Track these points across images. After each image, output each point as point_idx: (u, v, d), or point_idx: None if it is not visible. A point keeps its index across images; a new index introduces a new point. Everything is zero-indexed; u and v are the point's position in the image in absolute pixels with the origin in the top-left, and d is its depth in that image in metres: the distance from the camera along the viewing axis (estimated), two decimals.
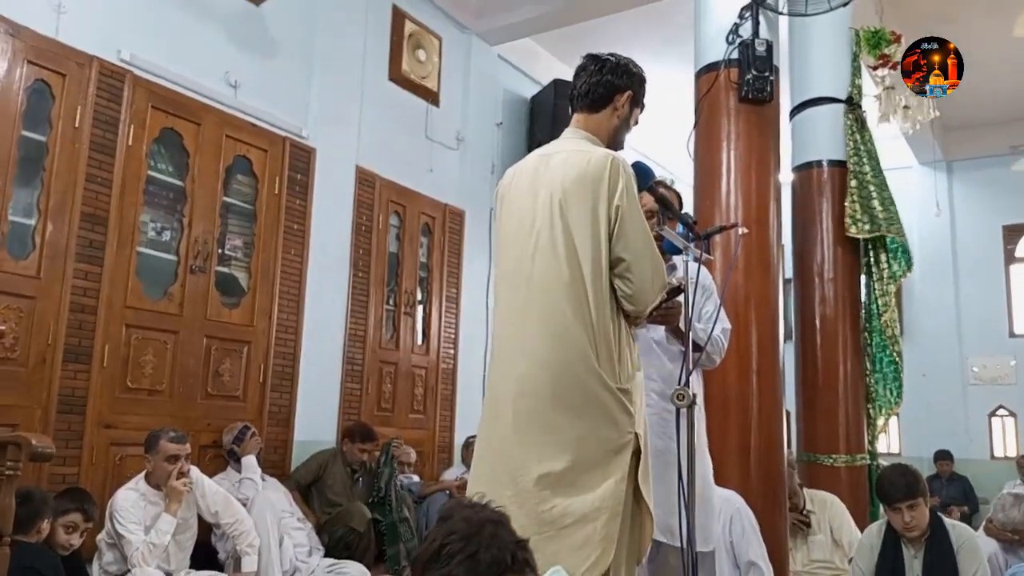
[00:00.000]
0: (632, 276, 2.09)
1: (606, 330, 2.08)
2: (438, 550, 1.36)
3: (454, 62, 6.62)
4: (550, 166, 2.20)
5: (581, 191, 2.11)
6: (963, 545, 3.19)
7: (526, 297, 2.14)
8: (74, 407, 3.91)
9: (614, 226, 2.09)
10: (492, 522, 1.40)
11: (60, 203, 3.90)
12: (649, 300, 2.14)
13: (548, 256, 2.11)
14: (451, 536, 1.37)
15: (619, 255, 2.09)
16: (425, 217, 6.20)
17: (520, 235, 2.20)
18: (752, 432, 3.87)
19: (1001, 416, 9.06)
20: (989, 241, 9.41)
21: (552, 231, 2.12)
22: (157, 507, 3.59)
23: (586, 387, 2.04)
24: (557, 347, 2.06)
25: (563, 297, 2.08)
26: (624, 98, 2.31)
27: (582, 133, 2.30)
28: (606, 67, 2.30)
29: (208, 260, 4.58)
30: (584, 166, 2.12)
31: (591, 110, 2.31)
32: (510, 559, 1.35)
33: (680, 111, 4.86)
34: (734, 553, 3.37)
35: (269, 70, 5.10)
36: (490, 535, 1.36)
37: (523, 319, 2.14)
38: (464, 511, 1.43)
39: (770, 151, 4.26)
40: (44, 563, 2.90)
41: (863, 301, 5.12)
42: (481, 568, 1.33)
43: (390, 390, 5.76)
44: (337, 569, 4.25)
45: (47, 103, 3.93)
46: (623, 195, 2.09)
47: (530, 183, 2.23)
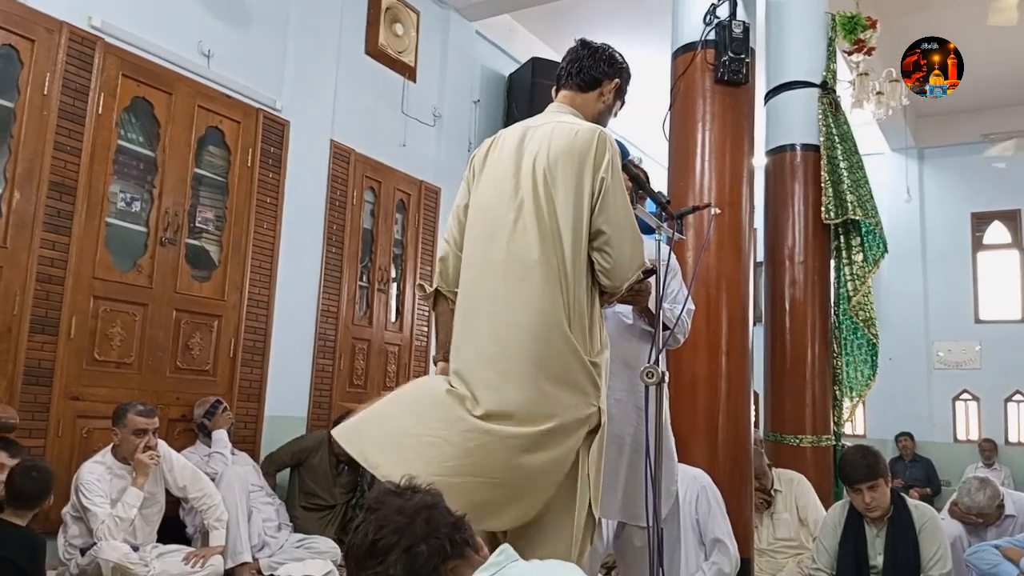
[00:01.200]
0: (611, 250, 2.10)
1: (580, 303, 2.08)
2: (372, 545, 1.30)
3: (432, 37, 6.56)
4: (535, 137, 2.20)
5: (567, 162, 2.11)
6: (925, 525, 3.26)
7: (504, 265, 2.12)
8: (40, 379, 3.86)
9: (597, 199, 2.10)
10: (426, 507, 1.34)
11: (27, 171, 3.83)
12: (626, 276, 2.14)
13: (529, 225, 2.10)
14: (383, 529, 1.31)
15: (600, 228, 2.10)
16: (400, 193, 6.17)
17: (501, 203, 2.17)
18: (720, 412, 3.91)
19: (965, 400, 9.24)
20: (958, 228, 9.55)
21: (536, 200, 2.11)
22: (124, 481, 3.57)
23: (561, 352, 2.05)
24: (533, 312, 2.05)
25: (541, 267, 2.07)
26: (611, 86, 2.37)
27: (567, 108, 2.33)
28: (599, 54, 2.37)
29: (179, 232, 4.53)
30: (572, 138, 2.13)
31: (579, 89, 2.36)
32: (448, 545, 1.30)
33: (656, 91, 4.85)
34: (700, 531, 3.41)
35: (243, 41, 5.02)
36: (424, 523, 1.31)
37: (502, 284, 2.12)
38: (395, 500, 1.36)
39: (744, 134, 4.27)
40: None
41: (833, 285, 5.18)
42: (420, 562, 1.28)
43: (363, 367, 5.75)
44: (306, 544, 4.25)
45: (15, 68, 3.85)
46: (608, 168, 2.10)
47: (513, 152, 2.22)
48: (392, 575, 1.28)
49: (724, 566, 3.35)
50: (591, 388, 2.07)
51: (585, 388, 2.06)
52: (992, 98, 8.89)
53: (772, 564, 4.09)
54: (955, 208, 9.56)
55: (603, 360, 2.14)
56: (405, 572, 1.28)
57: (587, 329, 2.10)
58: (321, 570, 3.96)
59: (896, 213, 9.45)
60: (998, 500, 3.73)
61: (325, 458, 4.72)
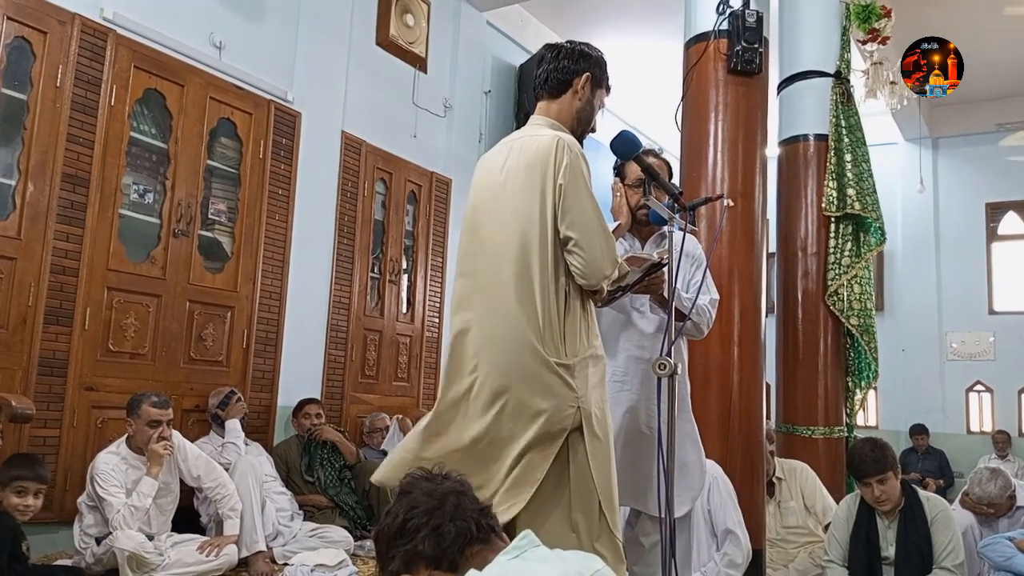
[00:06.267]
0: (581, 252, 2.12)
1: (550, 310, 2.11)
2: (402, 525, 1.36)
3: (442, 28, 6.54)
4: (511, 153, 2.25)
5: (529, 174, 2.16)
6: (937, 516, 3.25)
7: (476, 279, 2.22)
8: (55, 369, 3.89)
9: (559, 205, 2.12)
10: (454, 493, 1.39)
11: (41, 163, 3.85)
12: (603, 273, 2.16)
13: (499, 240, 2.18)
14: (414, 511, 1.36)
15: (565, 233, 2.13)
16: (411, 185, 6.17)
17: (481, 219, 2.27)
18: (732, 403, 3.90)
19: (978, 392, 9.19)
20: (972, 218, 9.48)
21: (503, 216, 2.18)
22: (139, 471, 3.59)
23: (525, 362, 2.10)
24: (503, 329, 2.13)
25: (510, 281, 2.13)
26: (583, 80, 2.34)
27: (543, 119, 2.34)
28: (561, 54, 2.35)
29: (191, 224, 4.55)
30: (534, 150, 2.18)
31: (551, 97, 2.36)
32: (475, 529, 1.35)
33: (669, 82, 4.83)
34: (712, 521, 3.42)
35: (255, 32, 5.03)
36: (453, 507, 1.36)
37: (479, 295, 2.21)
38: (425, 484, 1.42)
39: (757, 124, 4.25)
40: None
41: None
42: (447, 542, 1.33)
43: (374, 357, 5.77)
44: (320, 533, 4.28)
45: (27, 61, 3.87)
46: (565, 173, 2.12)
47: (493, 169, 2.29)
48: (420, 551, 1.33)
49: (736, 557, 3.36)
50: (563, 390, 2.10)
51: (555, 391, 2.09)
52: (1007, 87, 8.81)
53: (783, 555, 4.09)
54: (969, 198, 9.49)
55: (582, 360, 2.16)
56: (432, 550, 1.33)
57: (560, 336, 2.12)
58: (334, 559, 3.98)
59: (910, 203, 9.41)
60: (1009, 491, 3.71)
61: (295, 447, 4.77)
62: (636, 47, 7.60)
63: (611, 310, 2.73)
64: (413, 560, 1.34)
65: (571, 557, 1.28)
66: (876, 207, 4.95)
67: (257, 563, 3.84)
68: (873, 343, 4.91)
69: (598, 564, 1.24)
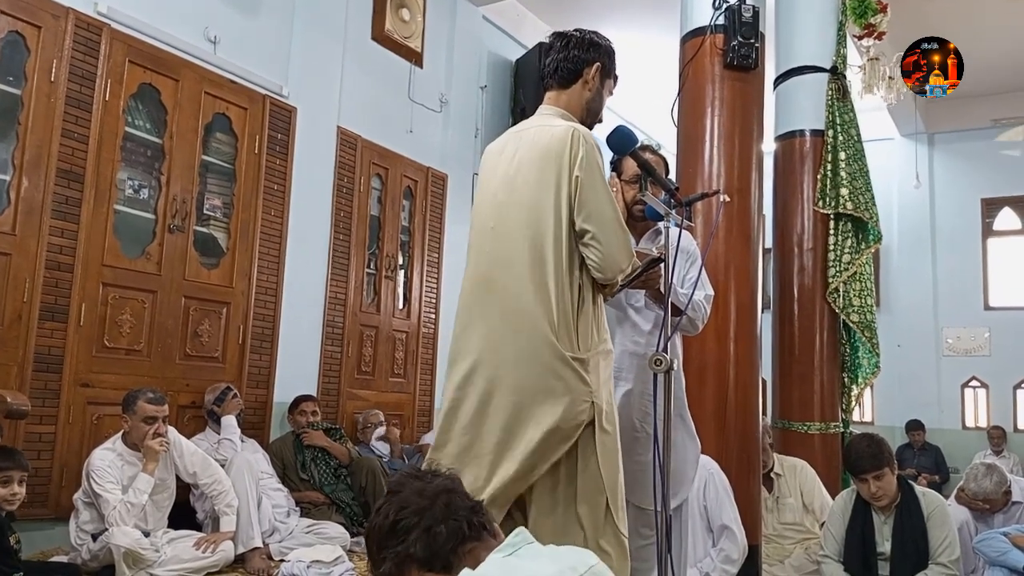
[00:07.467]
0: (598, 245, 2.10)
1: (565, 303, 2.09)
2: (392, 525, 1.33)
3: (438, 22, 6.53)
4: (520, 144, 2.23)
5: (543, 166, 2.13)
6: (933, 512, 3.25)
7: (489, 271, 2.19)
8: (50, 365, 3.88)
9: (575, 197, 2.10)
10: (445, 491, 1.36)
11: (35, 158, 3.84)
12: (620, 267, 2.14)
13: (513, 233, 2.15)
14: (404, 510, 1.33)
15: (582, 226, 2.11)
16: (407, 180, 6.16)
17: (490, 211, 2.24)
18: (729, 398, 3.90)
19: (974, 387, 9.21)
20: (968, 214, 9.49)
21: (517, 208, 2.16)
22: (134, 467, 3.59)
23: (541, 357, 2.07)
24: (517, 324, 2.10)
25: (525, 274, 2.11)
26: (593, 71, 2.31)
27: (553, 109, 2.31)
28: (571, 43, 2.31)
29: (187, 219, 4.54)
30: (547, 141, 2.15)
31: (561, 86, 2.33)
32: (467, 527, 1.32)
33: (665, 77, 4.82)
34: (708, 517, 3.42)
35: (250, 27, 5.01)
36: (444, 506, 1.33)
37: (489, 289, 2.18)
38: (415, 483, 1.39)
39: (753, 119, 4.24)
40: None
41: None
42: (439, 542, 1.30)
43: (370, 353, 5.77)
44: (316, 530, 4.28)
45: (22, 55, 3.85)
46: (582, 165, 2.10)
47: (501, 160, 2.26)
48: (412, 553, 1.30)
49: (732, 552, 3.36)
50: (577, 384, 2.07)
51: (570, 384, 2.07)
52: (1003, 83, 8.81)
53: (779, 550, 4.09)
54: (965, 194, 9.50)
55: (594, 355, 2.14)
56: (424, 552, 1.30)
57: (574, 329, 2.11)
58: (331, 555, 3.98)
59: (906, 199, 9.42)
60: (1005, 486, 3.72)
61: (290, 445, 4.77)
62: (632, 42, 7.57)
63: (607, 305, 2.72)
64: (405, 563, 1.32)
65: (565, 553, 1.27)
66: (870, 206, 4.94)
67: (253, 559, 3.84)
68: (875, 339, 4.92)
69: (592, 560, 1.23)
